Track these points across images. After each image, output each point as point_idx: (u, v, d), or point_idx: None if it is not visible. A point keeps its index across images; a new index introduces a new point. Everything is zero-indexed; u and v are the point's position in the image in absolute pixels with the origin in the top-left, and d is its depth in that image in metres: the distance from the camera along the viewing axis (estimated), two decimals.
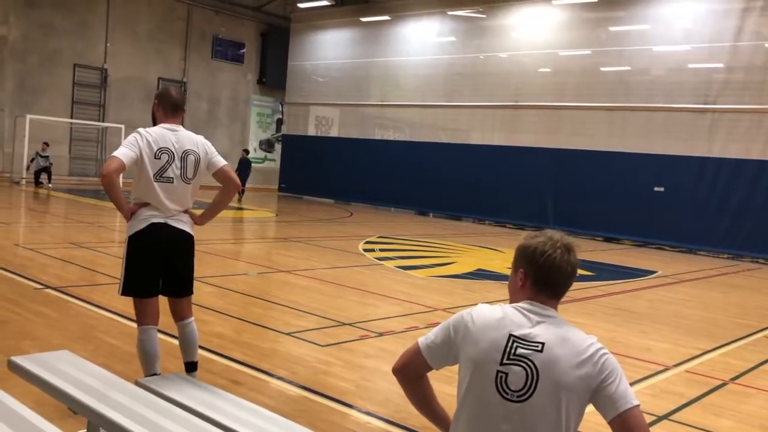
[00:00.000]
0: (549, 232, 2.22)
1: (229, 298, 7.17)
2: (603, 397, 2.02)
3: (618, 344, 6.43)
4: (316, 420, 3.94)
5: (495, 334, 2.10)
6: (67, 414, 3.52)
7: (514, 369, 2.05)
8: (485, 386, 2.07)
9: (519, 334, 2.09)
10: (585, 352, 2.04)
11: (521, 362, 2.05)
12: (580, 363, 2.02)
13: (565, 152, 18.20)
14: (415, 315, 7.00)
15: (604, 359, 2.04)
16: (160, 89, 4.05)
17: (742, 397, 5.17)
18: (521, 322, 2.11)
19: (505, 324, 2.12)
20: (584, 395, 2.03)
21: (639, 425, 1.99)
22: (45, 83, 22.35)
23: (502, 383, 2.05)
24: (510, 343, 2.08)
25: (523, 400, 2.02)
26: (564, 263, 2.14)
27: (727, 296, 10.36)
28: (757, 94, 15.52)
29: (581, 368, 2.02)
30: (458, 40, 21.35)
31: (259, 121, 29.40)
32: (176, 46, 25.86)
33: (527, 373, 2.04)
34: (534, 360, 2.04)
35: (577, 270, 2.18)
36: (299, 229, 15.15)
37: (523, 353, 2.05)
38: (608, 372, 2.03)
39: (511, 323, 2.11)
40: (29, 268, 7.86)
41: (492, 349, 2.08)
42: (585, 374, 2.02)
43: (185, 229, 3.91)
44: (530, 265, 2.18)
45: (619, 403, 1.99)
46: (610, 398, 2.00)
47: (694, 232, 16.13)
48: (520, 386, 2.03)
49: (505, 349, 2.07)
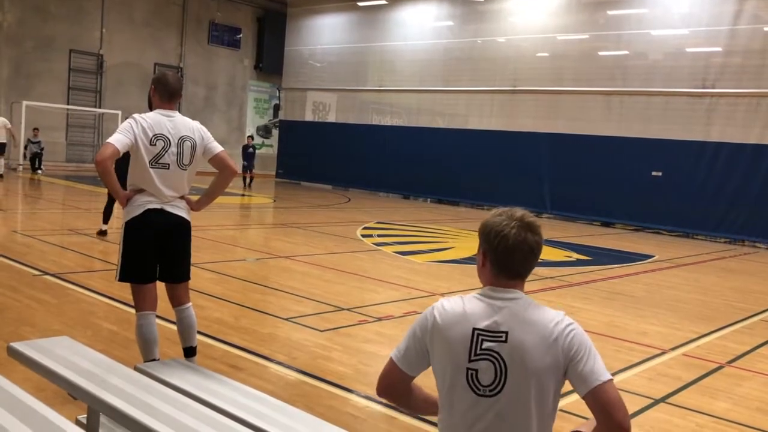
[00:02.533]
0: (511, 210, 2.10)
1: (227, 284, 7.17)
2: (574, 375, 1.97)
3: (615, 328, 6.46)
4: (315, 404, 3.96)
5: (460, 330, 2.04)
6: (66, 399, 3.54)
7: (482, 364, 2.00)
8: (459, 385, 2.03)
9: (482, 327, 2.02)
10: (551, 334, 1.98)
11: (488, 356, 2.00)
12: (547, 346, 1.97)
13: (563, 137, 18.16)
14: (414, 300, 7.02)
15: (571, 336, 1.98)
16: (157, 74, 4.03)
17: (738, 380, 5.20)
18: (483, 313, 2.04)
19: (467, 318, 2.05)
20: (556, 375, 1.99)
21: (610, 400, 1.93)
22: (40, 69, 22.21)
23: (474, 380, 2.01)
24: (475, 337, 2.02)
25: (495, 394, 1.99)
26: (521, 243, 2.03)
27: (724, 280, 10.40)
28: (755, 78, 15.47)
29: (549, 351, 1.97)
30: (456, 25, 21.23)
31: (256, 106, 29.28)
32: (172, 32, 25.70)
33: (495, 366, 1.99)
34: (500, 351, 1.99)
35: (537, 250, 2.07)
36: (297, 215, 15.14)
37: (489, 346, 2.00)
38: (576, 349, 1.97)
39: (473, 316, 2.05)
40: (28, 254, 7.85)
41: (459, 347, 2.03)
42: (553, 355, 1.97)
43: (182, 215, 3.90)
44: (488, 244, 2.09)
45: (589, 380, 1.94)
46: (580, 375, 1.96)
47: (692, 216, 16.14)
48: (490, 381, 1.99)
49: (471, 345, 2.02)
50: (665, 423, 4.15)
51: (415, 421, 3.87)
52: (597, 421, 1.97)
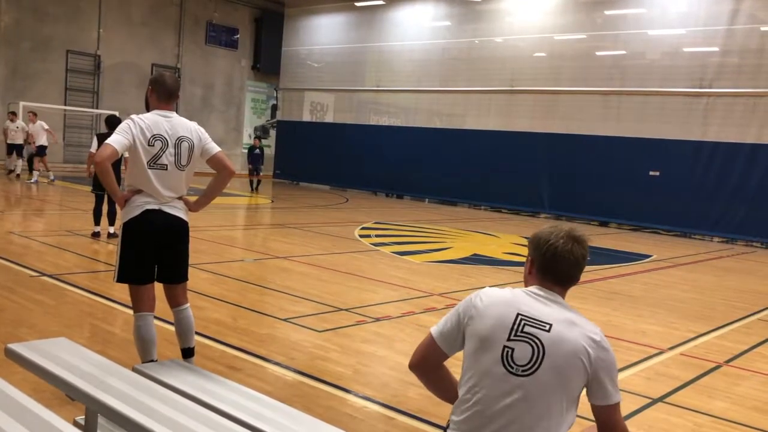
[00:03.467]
0: (560, 224, 2.36)
1: (225, 284, 7.17)
2: (597, 384, 2.15)
3: (613, 328, 6.46)
4: (313, 405, 3.96)
5: (503, 311, 2.20)
6: (64, 400, 3.53)
7: (521, 345, 2.13)
8: (490, 360, 2.14)
9: (527, 313, 2.18)
10: (591, 339, 2.15)
11: (528, 339, 2.14)
12: (585, 347, 2.12)
13: (561, 137, 18.17)
14: (412, 300, 7.02)
15: (606, 350, 2.17)
16: (155, 75, 4.02)
17: (736, 379, 5.21)
18: (530, 302, 2.22)
19: (512, 303, 2.22)
20: (583, 378, 2.13)
21: (619, 421, 2.21)
22: (38, 70, 22.17)
23: (508, 358, 2.13)
24: (518, 320, 2.17)
25: (527, 375, 2.10)
26: (566, 252, 2.25)
27: (721, 279, 10.41)
28: (752, 78, 15.51)
29: (586, 352, 2.12)
30: (453, 25, 21.24)
31: (254, 107, 29.27)
32: (170, 32, 25.67)
33: (533, 349, 2.12)
34: (541, 338, 2.13)
35: (582, 261, 2.29)
36: (295, 216, 15.14)
37: (531, 331, 2.14)
38: (608, 363, 2.16)
39: (519, 303, 2.22)
40: (25, 255, 7.84)
41: (499, 325, 2.17)
42: (588, 359, 2.12)
43: (180, 215, 3.90)
44: (536, 252, 2.31)
45: (608, 396, 2.16)
46: (604, 388, 2.15)
47: (689, 216, 16.18)
48: (525, 361, 2.11)
49: (513, 326, 2.16)
50: (663, 422, 4.16)
51: (413, 421, 3.87)
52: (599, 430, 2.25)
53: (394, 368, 4.83)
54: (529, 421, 2.09)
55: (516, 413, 2.10)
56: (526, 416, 2.09)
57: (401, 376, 4.64)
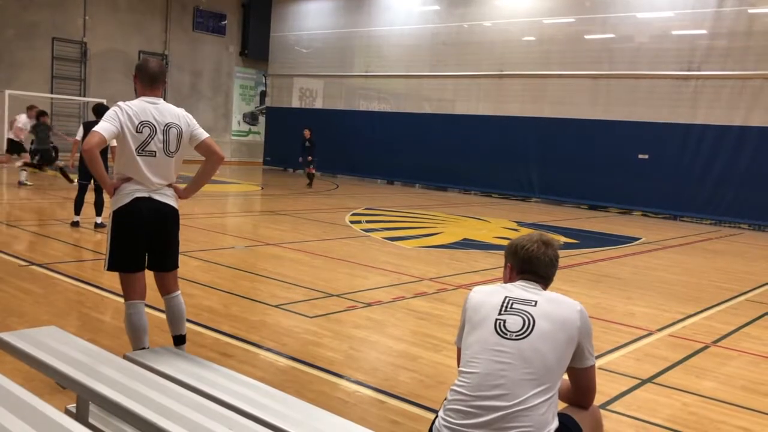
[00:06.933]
0: (530, 234, 2.71)
1: (216, 271, 7.16)
2: (579, 350, 2.46)
3: (602, 310, 6.51)
4: (305, 390, 3.98)
5: (493, 299, 2.51)
6: (56, 389, 3.53)
7: (512, 317, 2.42)
8: (485, 332, 2.42)
9: (513, 295, 2.51)
10: (573, 312, 2.46)
11: (517, 313, 2.43)
12: (571, 319, 2.43)
13: (550, 121, 18.19)
14: (403, 285, 7.04)
15: (587, 320, 2.49)
16: (139, 61, 3.99)
17: (724, 359, 5.26)
18: (515, 290, 2.55)
19: (501, 291, 2.55)
20: (571, 345, 2.42)
21: (593, 381, 2.57)
22: (23, 58, 21.91)
23: (501, 327, 2.41)
24: (506, 300, 2.49)
25: (520, 339, 2.36)
26: (541, 254, 2.59)
27: (710, 261, 10.49)
28: (740, 60, 15.54)
29: (572, 322, 2.42)
30: (442, 9, 21.14)
31: (243, 93, 29.08)
32: (156, 18, 25.42)
33: (524, 319, 2.40)
34: (529, 311, 2.43)
35: (556, 261, 2.63)
36: (285, 202, 15.11)
37: (519, 307, 2.45)
38: (589, 331, 2.49)
39: (507, 289, 2.56)
40: (13, 245, 7.80)
41: (490, 307, 2.48)
42: (572, 328, 2.42)
43: (170, 202, 3.88)
44: (514, 258, 2.65)
45: (587, 359, 2.49)
46: (582, 353, 2.47)
47: (678, 198, 16.27)
48: (518, 328, 2.39)
49: (502, 305, 2.47)
50: (652, 402, 4.20)
51: (404, 404, 3.90)
52: (572, 390, 2.59)
53: (385, 353, 4.86)
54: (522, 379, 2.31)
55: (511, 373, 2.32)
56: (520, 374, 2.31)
57: (392, 360, 4.66)
